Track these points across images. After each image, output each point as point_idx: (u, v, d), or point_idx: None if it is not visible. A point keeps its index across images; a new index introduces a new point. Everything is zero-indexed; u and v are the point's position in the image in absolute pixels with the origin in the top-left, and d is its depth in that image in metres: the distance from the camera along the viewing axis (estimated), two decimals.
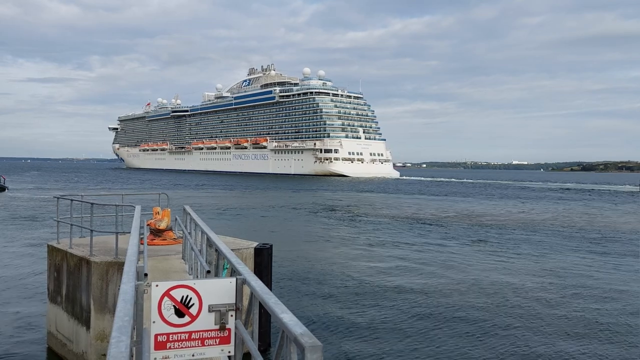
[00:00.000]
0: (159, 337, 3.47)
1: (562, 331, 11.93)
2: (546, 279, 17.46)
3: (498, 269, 19.07)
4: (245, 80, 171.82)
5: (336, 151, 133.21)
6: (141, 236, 7.94)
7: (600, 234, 29.98)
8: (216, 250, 5.56)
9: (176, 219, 11.09)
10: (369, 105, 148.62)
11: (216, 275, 5.58)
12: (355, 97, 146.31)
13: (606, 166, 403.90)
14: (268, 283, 10.56)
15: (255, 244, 10.88)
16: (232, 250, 5.04)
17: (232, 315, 3.61)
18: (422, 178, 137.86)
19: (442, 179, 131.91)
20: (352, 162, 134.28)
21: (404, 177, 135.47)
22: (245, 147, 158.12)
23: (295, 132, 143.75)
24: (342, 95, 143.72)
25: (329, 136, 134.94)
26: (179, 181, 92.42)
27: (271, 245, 11.04)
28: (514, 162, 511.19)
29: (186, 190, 66.78)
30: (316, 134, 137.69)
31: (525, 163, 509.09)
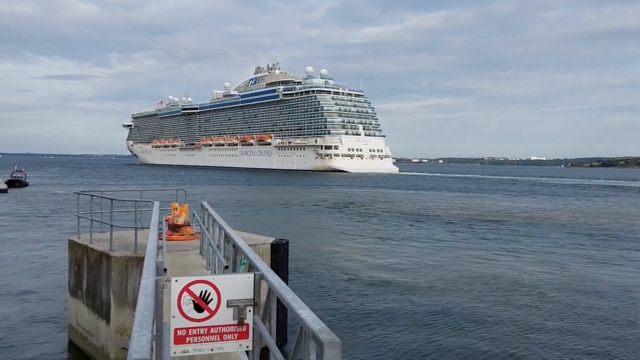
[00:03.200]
0: (178, 331, 3.51)
1: (573, 327, 11.80)
2: (562, 277, 17.25)
3: (519, 266, 18.89)
4: (251, 79, 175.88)
5: (336, 147, 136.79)
6: (160, 231, 8.03)
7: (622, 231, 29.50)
8: (234, 245, 5.60)
9: (194, 214, 11.18)
10: (370, 103, 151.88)
11: (234, 270, 5.62)
12: (356, 95, 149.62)
13: (627, 162, 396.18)
14: (284, 278, 10.60)
15: (271, 240, 10.93)
16: (248, 245, 5.07)
17: (250, 311, 3.64)
18: (421, 173, 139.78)
19: (439, 174, 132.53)
20: (351, 158, 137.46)
21: (404, 173, 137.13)
22: (251, 144, 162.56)
23: (298, 129, 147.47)
24: (343, 93, 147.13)
25: (329, 133, 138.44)
26: (191, 177, 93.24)
27: (287, 241, 11.09)
28: (533, 158, 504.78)
29: (201, 186, 67.28)
30: (317, 131, 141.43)
31: (544, 159, 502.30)
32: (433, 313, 12.80)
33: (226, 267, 5.52)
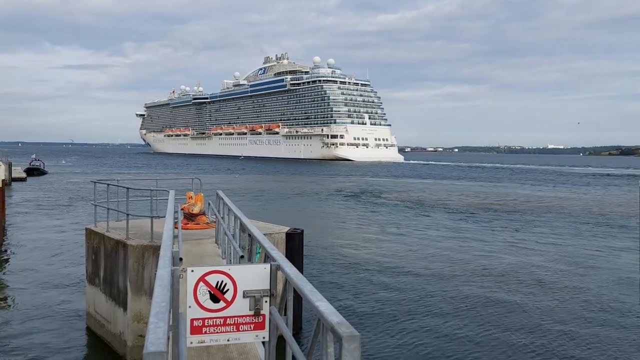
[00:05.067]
0: (194, 321, 3.49)
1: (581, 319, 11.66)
2: (570, 266, 17.04)
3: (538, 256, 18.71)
4: (260, 69, 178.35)
5: (342, 136, 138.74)
6: (175, 220, 8.06)
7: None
8: (249, 235, 5.58)
9: (209, 203, 11.21)
10: (376, 92, 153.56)
11: (249, 260, 5.61)
12: (362, 84, 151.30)
13: None
14: (300, 267, 10.61)
15: (286, 229, 10.92)
16: (264, 234, 5.04)
17: (266, 301, 3.61)
18: (427, 162, 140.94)
19: (446, 163, 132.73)
20: (357, 147, 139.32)
21: (409, 162, 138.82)
22: (260, 133, 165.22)
23: (305, 119, 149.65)
24: (349, 82, 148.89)
25: (335, 122, 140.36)
26: (202, 165, 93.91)
27: (302, 230, 11.06)
28: (550, 146, 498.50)
29: (212, 174, 67.62)
30: (324, 120, 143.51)
31: (562, 147, 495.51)
32: (451, 303, 12.72)
33: (242, 256, 5.51)
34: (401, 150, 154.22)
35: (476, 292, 13.68)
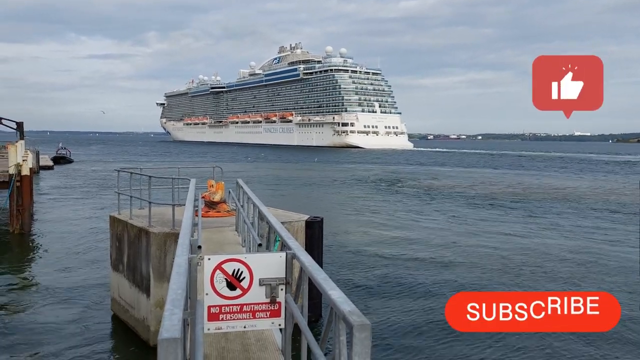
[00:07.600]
0: (211, 308, 3.56)
1: None
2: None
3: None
4: (275, 58, 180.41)
5: (352, 125, 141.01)
6: (196, 208, 8.16)
7: None
8: (267, 223, 5.63)
9: (230, 192, 11.32)
10: (387, 81, 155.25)
11: (267, 248, 5.67)
12: (373, 73, 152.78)
13: None
14: (319, 256, 10.65)
15: (306, 217, 10.95)
16: (283, 222, 5.09)
17: (282, 289, 3.66)
18: (436, 149, 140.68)
19: (458, 150, 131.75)
20: (367, 134, 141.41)
21: (418, 149, 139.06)
22: (274, 121, 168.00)
23: (317, 107, 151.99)
24: (360, 71, 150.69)
25: (346, 111, 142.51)
26: (221, 153, 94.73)
27: (322, 219, 11.09)
28: (577, 133, 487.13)
29: (233, 162, 68.11)
30: (335, 108, 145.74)
31: (589, 134, 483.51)
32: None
33: (260, 244, 5.57)
34: (423, 138, 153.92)
35: (503, 285, 13.58)
